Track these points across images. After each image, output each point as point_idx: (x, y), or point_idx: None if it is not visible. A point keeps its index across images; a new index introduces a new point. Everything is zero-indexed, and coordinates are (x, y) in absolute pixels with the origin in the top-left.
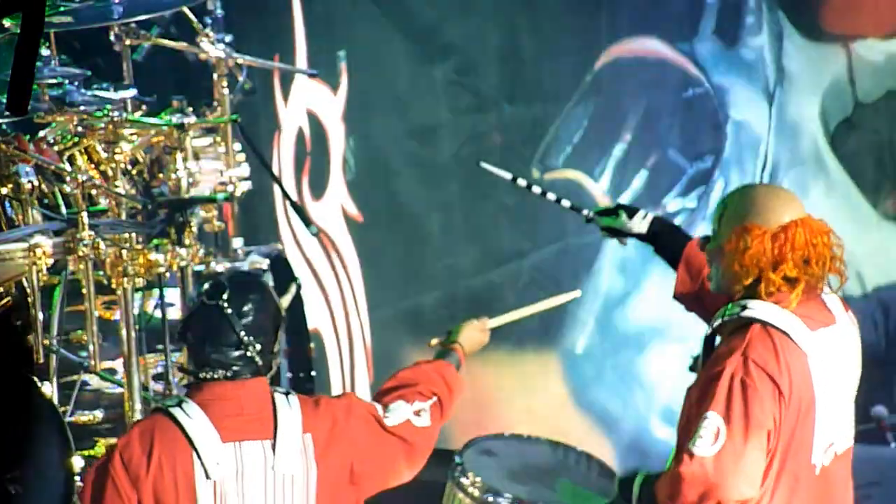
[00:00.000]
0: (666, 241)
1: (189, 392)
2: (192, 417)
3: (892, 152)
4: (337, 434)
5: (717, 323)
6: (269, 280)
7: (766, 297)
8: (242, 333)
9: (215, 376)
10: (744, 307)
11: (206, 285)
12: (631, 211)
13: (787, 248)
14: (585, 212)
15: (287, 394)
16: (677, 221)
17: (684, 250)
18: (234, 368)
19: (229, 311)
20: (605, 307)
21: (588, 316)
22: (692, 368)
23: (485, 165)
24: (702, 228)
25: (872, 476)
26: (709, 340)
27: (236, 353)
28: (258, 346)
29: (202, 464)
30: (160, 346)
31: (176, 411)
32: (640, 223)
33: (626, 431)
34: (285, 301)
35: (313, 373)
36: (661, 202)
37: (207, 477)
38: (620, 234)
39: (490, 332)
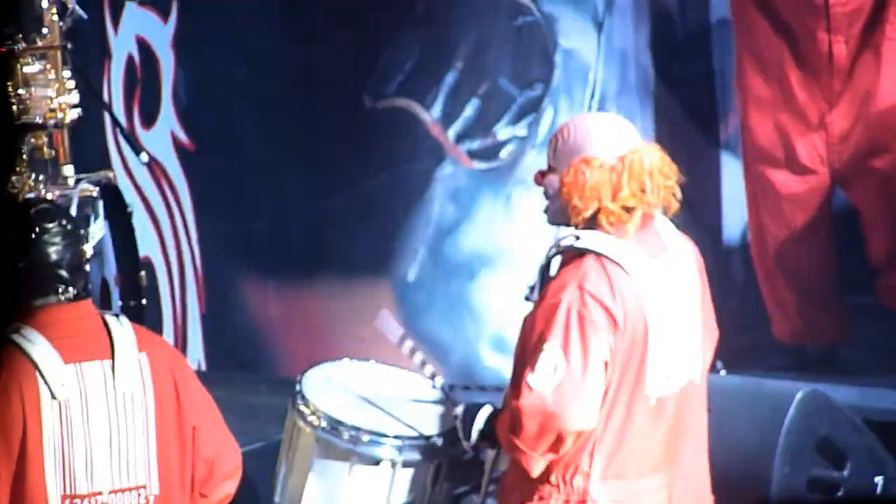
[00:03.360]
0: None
1: (22, 319)
2: (33, 342)
3: (721, 81)
4: (169, 358)
5: (551, 252)
6: (102, 208)
7: (607, 227)
8: (86, 254)
9: (51, 301)
10: (577, 237)
11: (34, 211)
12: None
13: (624, 178)
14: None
15: (116, 315)
16: (508, 150)
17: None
18: (71, 289)
19: (77, 232)
20: (436, 235)
21: (419, 244)
22: (528, 298)
23: None
24: (532, 156)
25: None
26: (543, 270)
27: (75, 275)
28: (87, 267)
29: (47, 385)
30: None
31: (16, 337)
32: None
33: (456, 360)
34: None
35: (144, 301)
36: (491, 130)
37: (53, 398)
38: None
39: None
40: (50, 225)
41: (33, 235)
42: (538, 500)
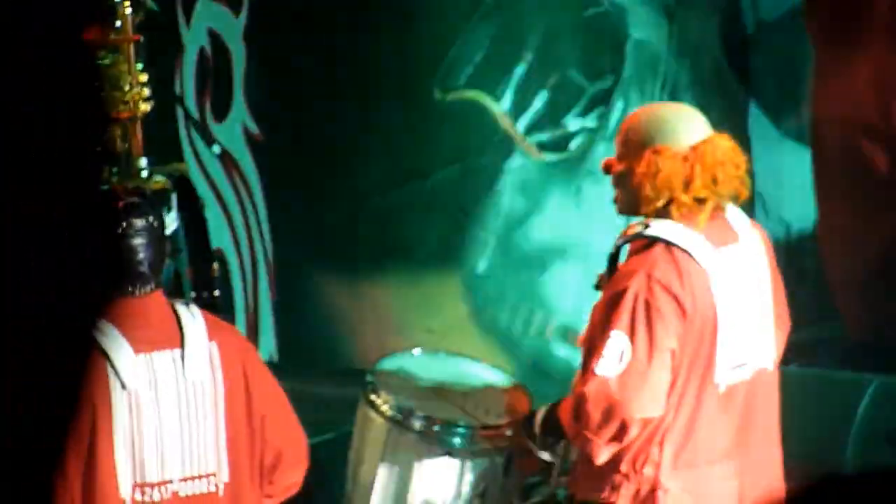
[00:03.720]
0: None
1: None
2: (105, 333)
3: (793, 70)
4: (239, 347)
5: (620, 241)
6: (175, 200)
7: (678, 218)
8: (168, 250)
9: (127, 296)
10: (646, 226)
11: (122, 206)
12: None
13: (697, 169)
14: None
15: (186, 304)
16: (577, 142)
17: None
18: (149, 286)
19: (162, 229)
20: (506, 227)
21: (489, 236)
22: (597, 287)
23: None
24: (602, 148)
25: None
26: (612, 259)
27: (155, 272)
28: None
29: (118, 375)
30: None
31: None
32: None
33: (526, 351)
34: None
35: (216, 293)
36: (561, 122)
37: (124, 388)
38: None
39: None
40: (138, 221)
41: (120, 231)
42: (609, 490)
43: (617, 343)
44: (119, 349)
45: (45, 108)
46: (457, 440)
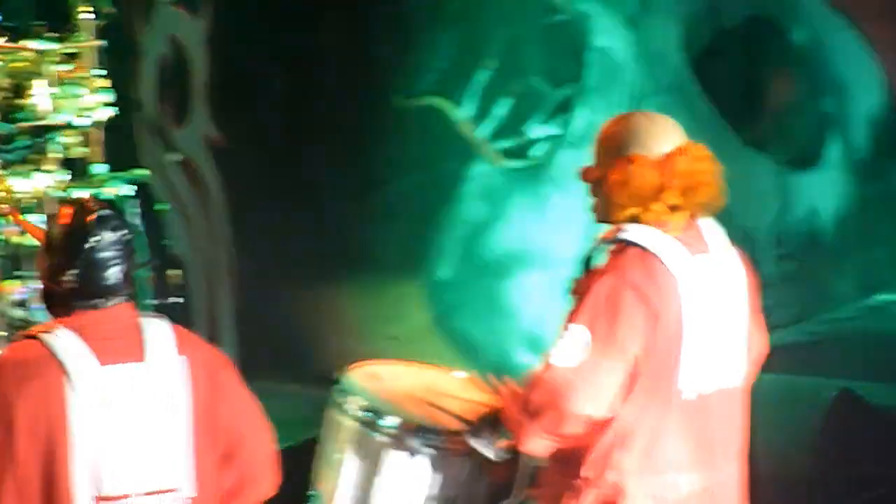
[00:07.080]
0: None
1: (59, 319)
2: (67, 343)
3: (753, 79)
4: (211, 363)
5: (595, 245)
6: (137, 207)
7: (651, 225)
8: (135, 259)
9: (106, 304)
10: (621, 230)
11: (93, 218)
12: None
13: (669, 177)
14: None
15: (159, 318)
16: (540, 148)
17: None
18: (116, 299)
19: (133, 242)
20: (467, 234)
21: (451, 243)
22: (572, 292)
23: None
24: (565, 154)
25: None
26: (586, 263)
27: (124, 284)
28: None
29: (79, 388)
30: (18, 273)
31: (49, 338)
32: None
33: (489, 358)
34: None
35: (179, 299)
36: (523, 129)
37: (84, 400)
38: None
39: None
40: (109, 234)
41: (90, 244)
42: (570, 496)
43: (575, 336)
44: (81, 361)
45: None
46: (425, 444)
